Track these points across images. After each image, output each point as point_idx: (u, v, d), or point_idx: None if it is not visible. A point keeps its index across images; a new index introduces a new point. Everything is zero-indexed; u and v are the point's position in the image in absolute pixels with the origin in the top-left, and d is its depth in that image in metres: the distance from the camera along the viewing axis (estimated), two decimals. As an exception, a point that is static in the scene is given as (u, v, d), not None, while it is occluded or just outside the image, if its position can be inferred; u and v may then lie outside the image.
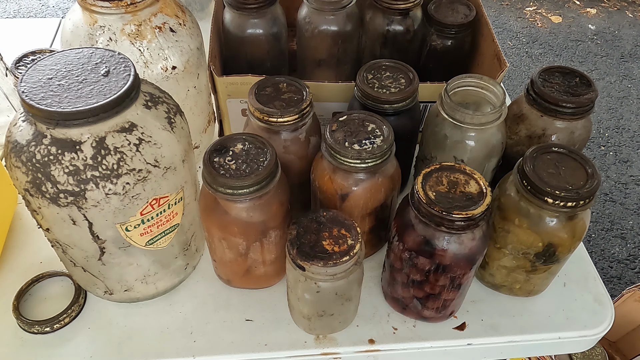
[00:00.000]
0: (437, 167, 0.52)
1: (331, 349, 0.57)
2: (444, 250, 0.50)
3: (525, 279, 0.59)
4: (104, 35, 0.58)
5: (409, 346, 0.58)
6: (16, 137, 0.45)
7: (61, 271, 0.61)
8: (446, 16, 0.75)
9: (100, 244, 0.49)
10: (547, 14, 2.61)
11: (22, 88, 0.43)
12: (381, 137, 0.54)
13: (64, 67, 0.46)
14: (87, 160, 0.44)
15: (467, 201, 0.49)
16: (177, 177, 0.50)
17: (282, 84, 0.59)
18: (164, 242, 0.53)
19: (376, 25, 0.74)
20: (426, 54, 0.78)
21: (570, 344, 0.61)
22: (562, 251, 0.55)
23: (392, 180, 0.57)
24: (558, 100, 0.59)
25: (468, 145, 0.59)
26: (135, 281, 0.56)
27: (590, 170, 0.52)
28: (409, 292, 0.56)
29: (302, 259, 0.48)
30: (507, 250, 0.56)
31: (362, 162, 0.53)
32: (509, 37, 2.46)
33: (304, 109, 0.57)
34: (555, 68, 0.63)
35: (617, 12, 2.63)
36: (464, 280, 0.53)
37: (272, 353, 0.56)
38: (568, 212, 0.51)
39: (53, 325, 0.57)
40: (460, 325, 0.60)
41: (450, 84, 0.60)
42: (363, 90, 0.60)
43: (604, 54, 2.38)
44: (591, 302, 0.63)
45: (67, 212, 0.45)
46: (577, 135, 0.61)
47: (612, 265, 1.62)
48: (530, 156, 0.53)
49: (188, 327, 0.58)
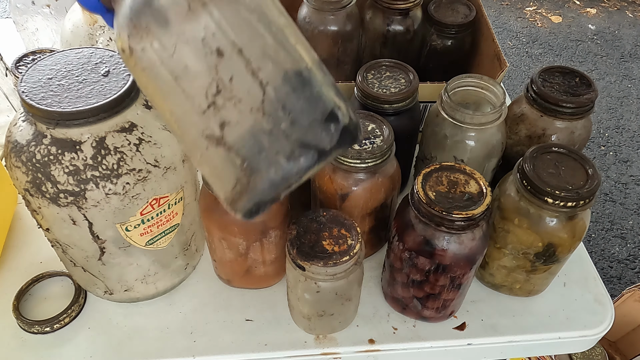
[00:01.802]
0: (437, 167, 0.52)
1: (331, 349, 0.57)
2: (444, 250, 0.50)
3: (525, 279, 0.59)
4: (104, 35, 0.59)
5: (409, 346, 0.58)
6: (16, 137, 0.45)
7: (61, 271, 0.61)
8: (446, 16, 0.75)
9: (100, 244, 0.49)
10: (547, 14, 2.61)
11: (22, 88, 0.43)
12: (381, 137, 0.54)
13: (64, 67, 0.46)
14: (87, 160, 0.44)
15: (467, 201, 0.49)
16: (177, 177, 0.50)
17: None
18: (164, 242, 0.53)
19: (376, 25, 0.74)
20: (426, 54, 0.78)
21: (570, 344, 0.61)
22: (562, 251, 0.55)
23: (392, 180, 0.57)
24: (558, 100, 0.59)
25: (468, 145, 0.59)
26: (135, 281, 0.56)
27: (590, 170, 0.52)
28: (409, 292, 0.56)
29: (302, 259, 0.48)
30: (507, 250, 0.56)
31: (362, 162, 0.53)
32: (509, 37, 2.46)
33: (304, 109, 0.57)
34: (555, 68, 0.63)
35: (617, 12, 2.63)
36: (464, 280, 0.53)
37: (272, 353, 0.56)
38: (568, 212, 0.51)
39: (53, 325, 0.57)
40: (460, 325, 0.60)
41: (450, 84, 0.60)
42: (363, 90, 0.60)
43: (604, 54, 2.38)
44: (591, 302, 0.63)
45: (67, 212, 0.45)
46: (577, 135, 0.61)
47: (612, 265, 1.62)
48: (530, 156, 0.53)
49: (188, 327, 0.58)
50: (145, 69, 0.31)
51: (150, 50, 0.30)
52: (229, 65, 0.28)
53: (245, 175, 0.29)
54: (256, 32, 0.29)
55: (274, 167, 0.29)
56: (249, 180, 0.29)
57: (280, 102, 0.28)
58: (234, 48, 0.28)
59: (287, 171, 0.29)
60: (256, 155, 0.29)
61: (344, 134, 0.30)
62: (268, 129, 0.28)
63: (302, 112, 0.29)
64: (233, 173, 0.29)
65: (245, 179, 0.29)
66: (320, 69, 0.31)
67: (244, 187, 0.29)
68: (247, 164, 0.29)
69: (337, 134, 0.29)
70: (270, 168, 0.29)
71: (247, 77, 0.28)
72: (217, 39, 0.29)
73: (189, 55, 0.29)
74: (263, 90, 0.28)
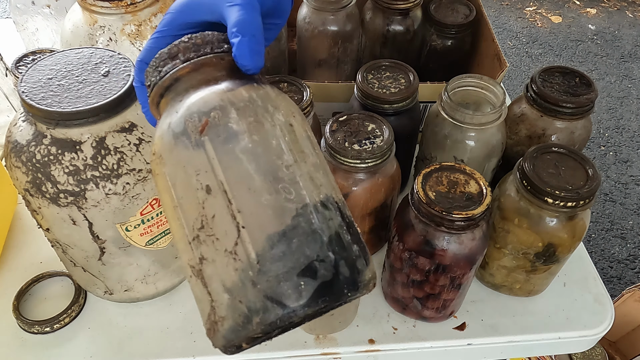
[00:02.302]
0: (437, 167, 0.52)
1: (331, 349, 0.57)
2: (444, 250, 0.50)
3: (525, 279, 0.59)
4: (104, 35, 0.59)
5: (409, 346, 0.58)
6: (16, 137, 0.45)
7: (61, 271, 0.61)
8: (446, 16, 0.75)
9: (100, 244, 0.49)
10: (547, 14, 2.61)
11: (22, 88, 0.43)
12: (381, 137, 0.54)
13: (64, 67, 0.46)
14: (87, 160, 0.44)
15: (467, 201, 0.49)
16: (177, 177, 0.50)
17: (282, 83, 0.59)
18: (164, 242, 0.53)
19: (376, 25, 0.74)
20: (426, 54, 0.78)
21: (570, 344, 0.61)
22: (562, 251, 0.55)
23: (392, 180, 0.57)
24: (558, 100, 0.59)
25: (468, 145, 0.59)
26: (135, 281, 0.55)
27: (590, 170, 0.52)
28: (409, 292, 0.56)
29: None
30: (507, 250, 0.56)
31: (362, 162, 0.53)
32: (509, 37, 2.46)
33: (304, 109, 0.57)
34: (555, 68, 0.63)
35: (617, 12, 2.63)
36: (464, 280, 0.53)
37: (272, 353, 0.56)
38: (568, 212, 0.51)
39: (53, 325, 0.57)
40: (460, 325, 0.60)
41: (450, 84, 0.60)
42: (363, 90, 0.60)
43: (604, 54, 2.38)
44: (591, 302, 0.63)
45: (67, 212, 0.45)
46: (577, 135, 0.61)
47: (612, 265, 1.62)
48: (530, 156, 0.53)
49: (188, 327, 0.58)
50: (159, 187, 0.32)
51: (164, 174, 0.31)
52: (213, 203, 0.29)
53: (213, 313, 0.28)
54: (246, 174, 0.29)
55: (236, 314, 0.27)
56: (217, 320, 0.28)
57: (254, 248, 0.27)
58: (220, 187, 0.29)
59: (246, 323, 0.27)
60: (223, 297, 0.28)
61: (317, 292, 0.27)
62: (237, 273, 0.27)
63: (273, 262, 0.27)
64: (207, 307, 0.29)
65: (213, 317, 0.28)
66: (313, 215, 0.29)
67: (212, 326, 0.28)
68: (214, 304, 0.28)
69: (309, 292, 0.27)
70: (234, 314, 0.27)
71: (226, 218, 0.28)
72: (208, 177, 0.29)
73: (187, 188, 0.30)
74: (238, 233, 0.28)
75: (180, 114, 0.31)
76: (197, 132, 0.30)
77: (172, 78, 0.33)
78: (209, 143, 0.29)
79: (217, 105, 0.30)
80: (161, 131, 0.31)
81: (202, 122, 0.30)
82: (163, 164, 0.31)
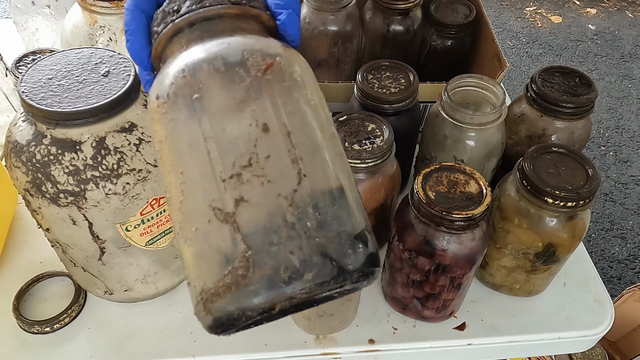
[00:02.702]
0: (437, 167, 0.52)
1: (331, 349, 0.57)
2: (444, 250, 0.50)
3: (525, 279, 0.59)
4: (104, 35, 0.59)
5: (409, 346, 0.58)
6: (16, 137, 0.45)
7: (61, 271, 0.61)
8: (446, 16, 0.75)
9: (100, 244, 0.49)
10: (547, 14, 2.61)
11: (22, 88, 0.43)
12: (381, 137, 0.54)
13: (64, 67, 0.46)
14: (87, 160, 0.44)
15: (467, 201, 0.49)
16: (177, 177, 0.50)
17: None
18: (164, 242, 0.53)
19: (376, 25, 0.74)
20: (426, 54, 0.78)
21: (570, 344, 0.61)
22: (562, 251, 0.55)
23: (392, 180, 0.57)
24: (558, 100, 0.59)
25: (468, 145, 0.59)
26: (135, 281, 0.55)
27: (590, 170, 0.52)
28: (409, 292, 0.56)
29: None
30: (507, 250, 0.56)
31: (362, 162, 0.53)
32: (509, 37, 2.46)
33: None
34: (555, 68, 0.63)
35: (617, 12, 2.63)
36: (464, 280, 0.53)
37: (272, 353, 0.56)
38: (568, 212, 0.51)
39: (53, 325, 0.57)
40: (460, 325, 0.60)
41: (450, 84, 0.60)
42: (363, 90, 0.60)
43: (604, 54, 2.38)
44: (591, 302, 0.63)
45: (67, 212, 0.45)
46: (577, 135, 0.61)
47: (612, 265, 1.62)
48: (530, 156, 0.53)
49: (188, 327, 0.58)
50: (174, 120, 0.28)
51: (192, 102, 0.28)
52: (270, 143, 0.26)
53: (244, 266, 0.25)
54: (309, 126, 0.28)
55: (282, 266, 0.24)
56: (247, 274, 0.24)
57: (313, 199, 0.25)
58: (282, 129, 0.27)
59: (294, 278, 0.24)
60: (266, 247, 0.25)
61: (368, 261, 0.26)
62: (291, 221, 0.25)
63: (334, 218, 0.25)
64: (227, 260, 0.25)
65: (242, 270, 0.25)
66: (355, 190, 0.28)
67: (235, 281, 0.25)
68: (251, 253, 0.25)
69: (363, 258, 0.25)
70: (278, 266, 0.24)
71: (285, 162, 0.26)
72: (268, 115, 0.27)
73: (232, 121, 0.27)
74: (299, 180, 0.26)
75: (236, 46, 0.28)
76: (260, 70, 0.28)
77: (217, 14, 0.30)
78: (271, 84, 0.28)
79: (282, 53, 0.29)
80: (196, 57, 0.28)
81: (266, 61, 0.28)
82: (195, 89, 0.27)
